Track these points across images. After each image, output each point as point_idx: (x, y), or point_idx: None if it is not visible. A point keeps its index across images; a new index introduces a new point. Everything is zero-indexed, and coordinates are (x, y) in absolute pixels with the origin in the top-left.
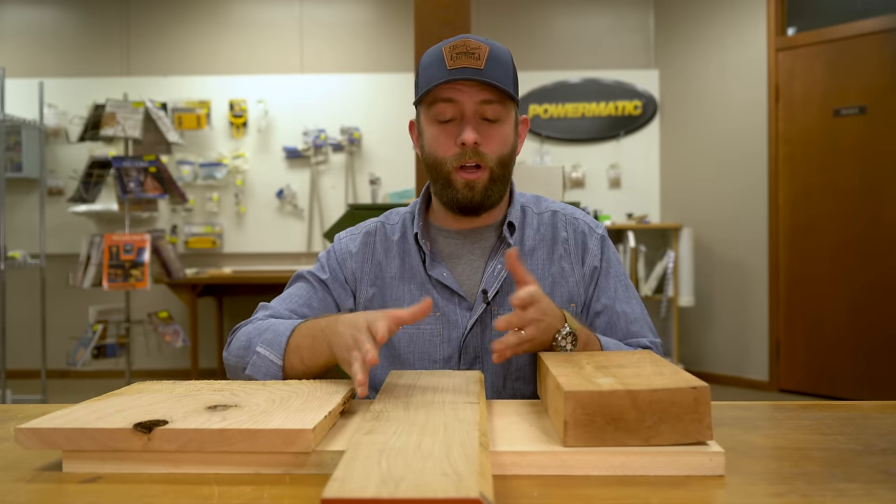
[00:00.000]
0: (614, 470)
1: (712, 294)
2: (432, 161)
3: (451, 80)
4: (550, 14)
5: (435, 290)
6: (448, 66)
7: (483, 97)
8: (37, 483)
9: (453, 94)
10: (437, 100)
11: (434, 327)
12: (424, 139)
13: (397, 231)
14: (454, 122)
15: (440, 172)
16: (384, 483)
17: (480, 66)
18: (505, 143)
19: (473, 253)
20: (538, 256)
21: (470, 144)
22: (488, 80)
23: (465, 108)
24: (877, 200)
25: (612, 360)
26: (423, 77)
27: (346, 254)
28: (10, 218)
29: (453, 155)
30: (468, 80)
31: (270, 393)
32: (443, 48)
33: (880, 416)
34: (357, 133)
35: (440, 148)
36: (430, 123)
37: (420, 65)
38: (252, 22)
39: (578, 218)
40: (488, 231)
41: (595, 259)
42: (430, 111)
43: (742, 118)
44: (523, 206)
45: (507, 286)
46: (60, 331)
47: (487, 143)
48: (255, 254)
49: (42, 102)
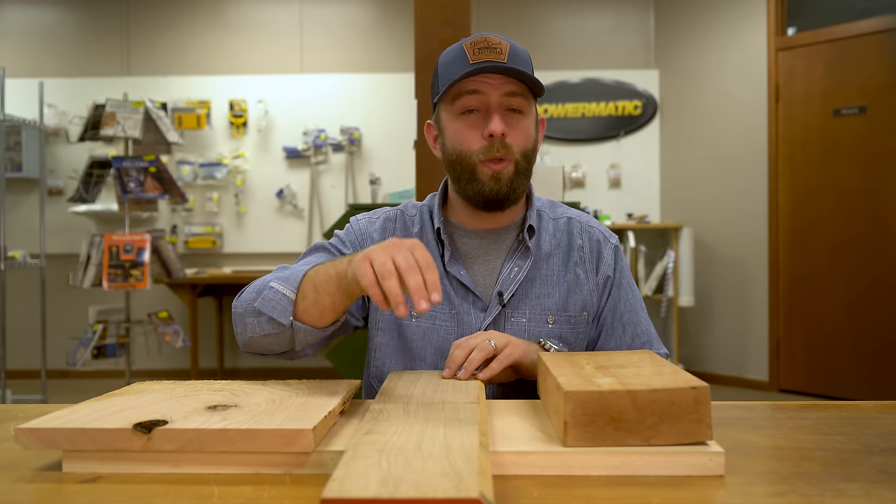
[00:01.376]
0: (614, 470)
1: (712, 294)
2: (456, 156)
3: (476, 71)
4: (550, 14)
5: (451, 287)
6: (471, 61)
7: (508, 89)
8: (37, 483)
9: (478, 86)
10: (462, 93)
11: (449, 324)
12: (447, 135)
13: (416, 223)
14: (479, 114)
15: (465, 166)
16: (384, 483)
17: (504, 60)
18: (528, 136)
19: (490, 254)
20: (554, 262)
21: (498, 135)
22: (514, 69)
23: (490, 100)
24: (877, 200)
25: (612, 360)
26: (444, 74)
27: (365, 235)
28: (10, 218)
29: (480, 148)
30: (493, 71)
31: (270, 393)
32: (464, 45)
33: (880, 416)
34: (357, 133)
35: (466, 141)
36: (453, 119)
37: (439, 64)
38: (252, 22)
39: (594, 226)
40: (506, 232)
41: (609, 268)
42: (455, 105)
43: (742, 118)
44: (539, 210)
45: (523, 289)
46: (60, 331)
47: (513, 134)
48: (255, 254)
49: (42, 102)
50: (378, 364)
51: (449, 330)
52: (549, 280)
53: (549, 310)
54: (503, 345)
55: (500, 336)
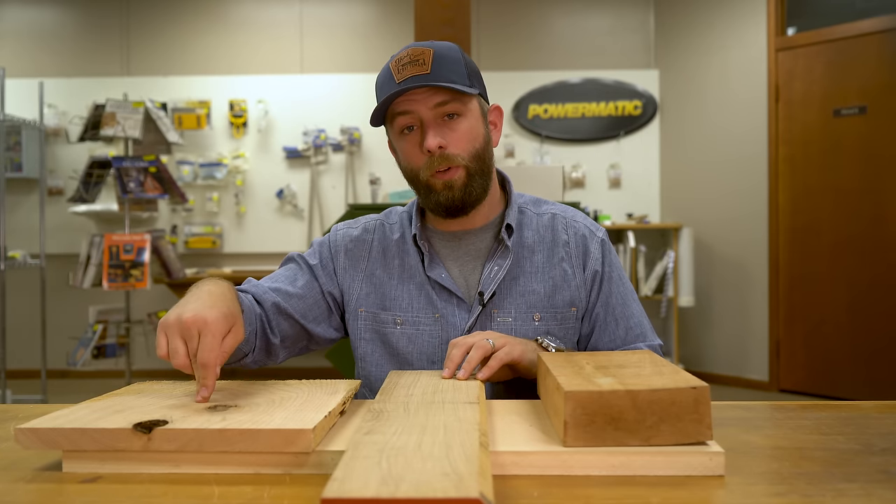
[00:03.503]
0: (614, 470)
1: (712, 294)
2: (409, 173)
3: (401, 91)
4: (550, 14)
5: (433, 290)
6: (396, 80)
7: (436, 100)
8: (37, 483)
9: (407, 106)
10: (395, 114)
11: (433, 328)
12: (398, 155)
13: (396, 231)
14: (417, 131)
15: (419, 182)
16: (384, 483)
17: (427, 71)
18: (473, 137)
19: (468, 254)
20: (537, 258)
21: (434, 150)
22: (435, 83)
23: (422, 115)
24: (877, 200)
25: (612, 360)
26: (378, 97)
27: (340, 247)
28: (10, 218)
29: (425, 163)
30: (416, 87)
31: (270, 393)
32: (390, 63)
33: (880, 416)
34: (357, 133)
35: (412, 159)
36: (397, 138)
37: (375, 86)
38: (252, 22)
39: (579, 221)
40: (483, 232)
41: (597, 263)
42: (394, 126)
43: (742, 118)
44: (521, 207)
45: (504, 288)
46: (60, 331)
47: (453, 143)
48: (255, 254)
49: (42, 102)
50: (365, 374)
51: (434, 334)
52: (533, 276)
53: (534, 307)
54: (501, 343)
55: (498, 335)
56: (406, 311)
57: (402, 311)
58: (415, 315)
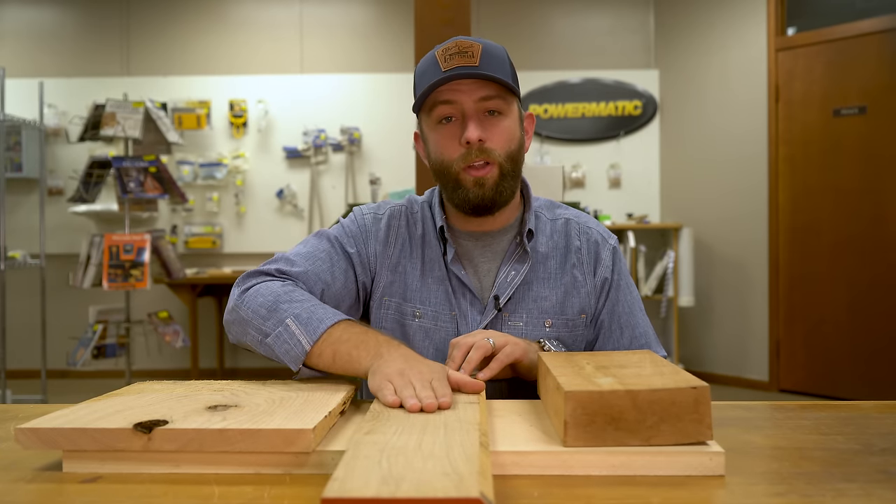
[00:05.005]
0: (614, 470)
1: (712, 294)
2: (439, 165)
3: (447, 79)
4: (550, 14)
5: (451, 286)
6: (442, 69)
7: (482, 93)
8: (37, 483)
9: (451, 95)
10: (437, 103)
11: (449, 326)
12: (429, 146)
13: (419, 221)
14: (456, 122)
15: (449, 175)
16: (385, 483)
17: (475, 63)
18: (511, 137)
19: (485, 256)
20: (551, 265)
21: (474, 142)
22: (485, 74)
23: (465, 107)
24: (877, 200)
25: (612, 360)
26: (419, 84)
27: (369, 234)
28: (10, 218)
29: (460, 156)
30: (464, 77)
31: (270, 393)
32: (436, 52)
33: (880, 416)
34: (357, 133)
35: (445, 150)
36: (432, 129)
37: (416, 73)
38: (252, 22)
39: (591, 227)
40: (501, 235)
41: (607, 270)
42: (431, 116)
43: (742, 118)
44: (536, 211)
45: (518, 293)
46: (60, 331)
47: (493, 138)
48: (255, 254)
49: (42, 102)
50: None
51: (449, 330)
52: (545, 283)
53: (546, 313)
54: (502, 343)
55: (498, 334)
56: (425, 304)
57: (422, 303)
58: (433, 310)
